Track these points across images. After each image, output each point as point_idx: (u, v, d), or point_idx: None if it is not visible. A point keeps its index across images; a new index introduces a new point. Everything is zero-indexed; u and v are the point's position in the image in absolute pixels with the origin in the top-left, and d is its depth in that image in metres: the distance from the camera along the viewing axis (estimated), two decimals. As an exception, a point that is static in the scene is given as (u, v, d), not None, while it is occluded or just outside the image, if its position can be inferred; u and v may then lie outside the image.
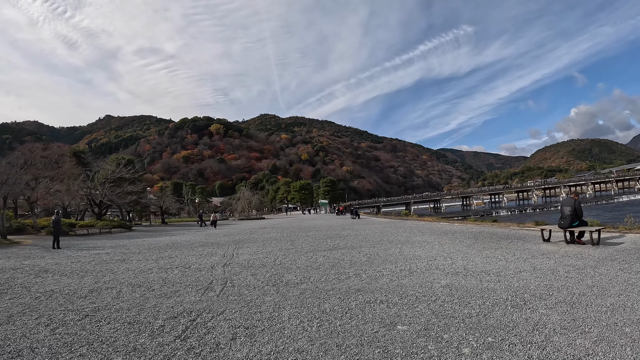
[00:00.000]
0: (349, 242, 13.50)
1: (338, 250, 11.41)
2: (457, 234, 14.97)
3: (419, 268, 7.81)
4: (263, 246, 13.77)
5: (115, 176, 40.21)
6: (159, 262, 10.88)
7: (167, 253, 13.16)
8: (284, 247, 12.91)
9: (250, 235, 19.75)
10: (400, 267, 7.94)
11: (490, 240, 12.06)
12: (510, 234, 14.12)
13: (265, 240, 16.52)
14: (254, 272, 8.23)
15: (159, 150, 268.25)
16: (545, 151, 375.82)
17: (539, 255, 8.79)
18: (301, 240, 15.17)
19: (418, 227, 19.61)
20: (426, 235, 15.02)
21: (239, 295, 6.04)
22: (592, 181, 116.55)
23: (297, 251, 11.62)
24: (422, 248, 11.02)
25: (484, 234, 14.49)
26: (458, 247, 10.78)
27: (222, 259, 10.83)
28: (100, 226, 31.86)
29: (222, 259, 10.69)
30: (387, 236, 15.39)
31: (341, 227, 22.80)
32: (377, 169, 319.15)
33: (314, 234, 18.58)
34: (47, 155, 36.61)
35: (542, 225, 19.28)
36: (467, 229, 17.11)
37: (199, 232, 26.41)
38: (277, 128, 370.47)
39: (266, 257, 10.68)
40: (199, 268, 9.24)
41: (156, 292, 6.70)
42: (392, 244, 12.26)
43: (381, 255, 9.93)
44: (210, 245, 15.57)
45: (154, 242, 18.42)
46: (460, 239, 12.82)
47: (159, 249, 14.72)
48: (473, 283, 6.22)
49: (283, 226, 28.84)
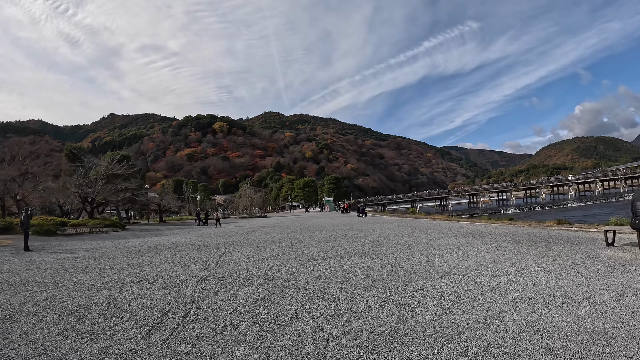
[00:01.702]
0: (359, 246, 11.20)
1: (348, 257, 9.11)
2: (488, 235, 12.63)
3: (467, 290, 5.50)
4: (257, 250, 11.51)
5: (108, 172, 38.10)
6: (124, 272, 8.66)
7: (142, 259, 10.95)
8: (281, 253, 10.64)
9: (246, 237, 17.50)
10: (440, 289, 5.63)
11: (536, 245, 9.74)
12: (552, 235, 11.77)
13: (262, 242, 14.25)
14: (233, 293, 5.95)
15: (162, 148, 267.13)
16: (550, 149, 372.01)
17: (619, 267, 6.51)
18: (302, 244, 12.88)
19: (436, 227, 17.29)
20: (450, 237, 12.70)
21: (197, 344, 3.77)
22: (600, 178, 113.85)
23: (296, 258, 9.33)
24: (454, 255, 8.71)
25: (519, 235, 12.16)
26: (501, 255, 8.47)
27: (202, 268, 8.58)
28: (92, 225, 29.95)
29: (201, 269, 8.44)
30: (403, 238, 13.09)
31: (348, 227, 20.49)
32: (381, 167, 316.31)
33: (317, 235, 16.29)
34: (35, 150, 34.66)
35: (565, 223, 17.12)
36: (495, 229, 14.76)
37: (193, 232, 24.21)
38: (281, 126, 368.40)
39: (257, 267, 8.40)
40: (165, 284, 7.00)
41: (85, 326, 4.48)
42: (415, 249, 9.96)
43: (405, 266, 7.63)
44: (197, 248, 13.34)
45: (138, 244, 16.22)
46: (497, 243, 10.50)
47: (137, 253, 12.55)
48: (567, 321, 3.92)
49: (284, 225, 26.59)
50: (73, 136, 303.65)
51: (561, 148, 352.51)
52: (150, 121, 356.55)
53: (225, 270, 8.08)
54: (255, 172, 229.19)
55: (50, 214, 40.73)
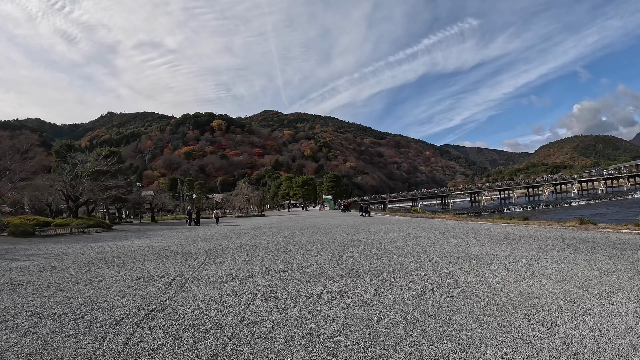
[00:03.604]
0: (375, 257, 8.68)
1: (364, 276, 6.60)
2: (531, 241, 10.15)
3: (595, 351, 3.09)
4: (243, 262, 9.02)
5: (93, 169, 35.60)
6: (57, 295, 6.24)
7: (98, 272, 8.53)
8: (273, 266, 8.14)
9: (235, 240, 15.01)
10: (542, 353, 3.20)
11: (609, 255, 7.31)
12: (611, 239, 9.36)
13: (252, 249, 11.76)
14: (183, 354, 3.53)
15: (160, 146, 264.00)
16: (549, 147, 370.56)
17: None
18: (301, 252, 10.37)
19: (456, 229, 14.81)
20: (485, 243, 10.24)
21: None
22: (604, 177, 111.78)
23: (292, 277, 6.81)
24: (512, 273, 6.26)
25: (571, 240, 9.73)
26: (578, 271, 6.03)
27: (161, 292, 6.13)
28: (75, 225, 27.64)
29: (159, 294, 6.00)
30: (426, 244, 10.61)
31: (354, 229, 17.96)
32: (380, 165, 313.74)
33: (319, 239, 13.79)
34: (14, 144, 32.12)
35: (589, 222, 14.77)
36: (532, 232, 12.28)
37: (180, 234, 21.73)
38: (279, 124, 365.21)
39: (237, 292, 5.92)
40: (92, 323, 4.55)
41: None
42: (451, 262, 7.50)
43: (455, 293, 5.16)
44: (173, 256, 10.88)
45: (109, 250, 13.72)
46: (555, 252, 8.05)
47: (98, 263, 10.14)
48: None
49: (282, 226, 24.13)
50: (71, 134, 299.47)
51: (560, 147, 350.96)
52: (148, 119, 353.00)
53: (190, 298, 5.61)
54: (254, 171, 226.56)
55: (40, 213, 38.42)
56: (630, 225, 12.81)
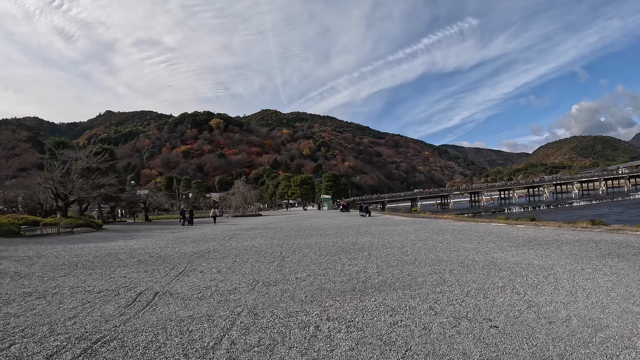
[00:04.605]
0: (384, 266, 7.36)
1: (372, 294, 5.31)
2: (562, 245, 8.86)
3: None
4: (229, 271, 7.73)
5: (83, 166, 34.21)
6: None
7: (61, 280, 7.27)
8: (262, 277, 6.85)
9: (225, 243, 13.72)
10: None
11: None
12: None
13: (242, 253, 10.47)
14: None
15: (158, 145, 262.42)
16: (548, 148, 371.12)
17: None
18: (297, 258, 9.04)
19: (467, 232, 13.55)
20: (508, 248, 8.94)
21: None
22: (605, 177, 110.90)
23: (284, 294, 5.49)
24: (562, 290, 4.99)
25: (607, 245, 8.48)
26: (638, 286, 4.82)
27: (118, 312, 4.86)
28: (63, 225, 26.42)
29: (114, 314, 4.73)
30: (440, 250, 9.32)
31: (355, 230, 16.67)
32: (379, 165, 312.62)
33: (317, 241, 12.51)
34: (0, 140, 30.82)
35: (600, 224, 13.55)
36: (557, 235, 10.97)
37: (171, 234, 20.45)
38: (278, 123, 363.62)
39: (211, 316, 4.62)
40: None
41: None
42: (477, 274, 6.21)
43: (497, 320, 3.87)
44: (152, 261, 9.60)
45: (88, 252, 12.40)
46: (596, 260, 6.79)
47: (68, 268, 8.88)
48: None
49: (278, 226, 22.86)
50: (69, 133, 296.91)
51: (559, 147, 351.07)
52: (146, 118, 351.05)
53: (151, 324, 4.34)
54: (252, 170, 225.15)
55: (33, 212, 37.15)
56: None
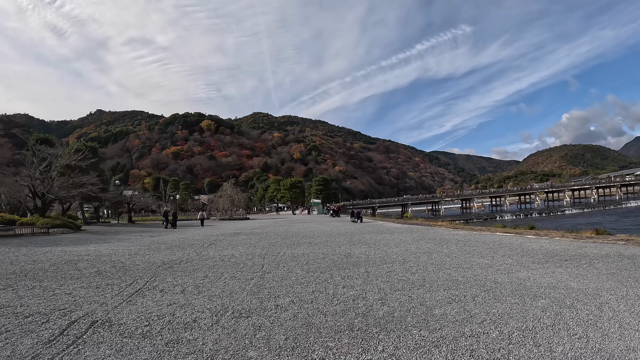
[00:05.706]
0: (386, 288, 5.84)
1: (378, 337, 3.80)
2: (592, 261, 7.51)
3: None
4: (195, 290, 6.21)
5: (62, 164, 32.35)
6: None
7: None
8: (234, 300, 5.35)
9: (203, 251, 12.16)
10: None
11: None
12: None
13: (217, 265, 8.94)
14: None
15: (148, 145, 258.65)
16: (538, 156, 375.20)
17: None
18: (280, 274, 7.43)
19: (472, 242, 12.19)
20: (531, 265, 7.55)
21: None
22: (596, 185, 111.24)
23: (255, 335, 3.94)
24: (630, 330, 3.65)
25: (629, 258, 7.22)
26: None
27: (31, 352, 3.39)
28: (39, 225, 24.92)
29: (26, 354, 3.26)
30: (450, 265, 7.91)
31: (347, 238, 15.17)
32: (369, 170, 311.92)
33: (306, 252, 11.01)
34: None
35: (605, 233, 12.46)
36: (579, 248, 9.62)
37: (149, 238, 18.78)
38: (269, 126, 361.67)
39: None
40: None
41: None
42: (507, 303, 4.79)
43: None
44: (114, 272, 8.03)
45: (49, 258, 10.70)
46: None
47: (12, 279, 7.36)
48: None
49: (264, 232, 21.33)
50: (60, 131, 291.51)
51: (549, 155, 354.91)
52: (137, 118, 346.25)
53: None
54: (242, 172, 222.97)
55: (16, 211, 35.25)
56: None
